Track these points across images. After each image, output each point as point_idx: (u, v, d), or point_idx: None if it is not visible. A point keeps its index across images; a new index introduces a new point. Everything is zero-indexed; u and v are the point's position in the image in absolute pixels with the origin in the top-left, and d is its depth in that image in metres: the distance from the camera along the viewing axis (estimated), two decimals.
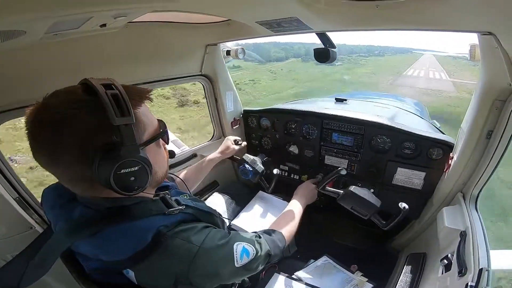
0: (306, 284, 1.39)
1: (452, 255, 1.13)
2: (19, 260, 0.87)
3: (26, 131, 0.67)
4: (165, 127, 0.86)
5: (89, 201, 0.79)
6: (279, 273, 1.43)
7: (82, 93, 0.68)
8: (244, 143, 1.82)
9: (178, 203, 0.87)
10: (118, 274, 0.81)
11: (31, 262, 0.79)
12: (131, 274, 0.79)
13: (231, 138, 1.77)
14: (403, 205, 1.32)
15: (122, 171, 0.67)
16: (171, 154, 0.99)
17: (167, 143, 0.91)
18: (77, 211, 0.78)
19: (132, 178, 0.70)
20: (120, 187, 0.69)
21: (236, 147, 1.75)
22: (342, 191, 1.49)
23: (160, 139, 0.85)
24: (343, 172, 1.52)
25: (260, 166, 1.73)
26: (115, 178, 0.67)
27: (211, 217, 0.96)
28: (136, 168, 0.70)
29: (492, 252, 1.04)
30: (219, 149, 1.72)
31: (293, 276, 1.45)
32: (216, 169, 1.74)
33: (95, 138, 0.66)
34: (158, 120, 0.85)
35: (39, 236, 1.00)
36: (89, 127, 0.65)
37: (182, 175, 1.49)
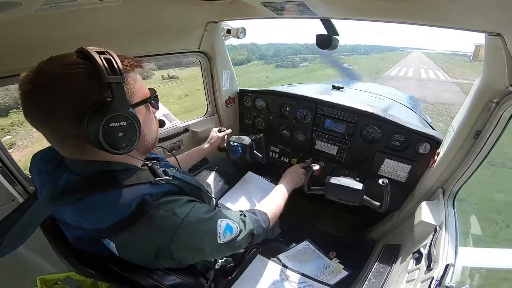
0: (287, 267, 1.44)
1: (424, 249, 1.17)
2: None
3: (19, 92, 0.68)
4: (155, 93, 0.88)
5: (76, 166, 0.79)
6: (262, 255, 1.48)
7: (77, 58, 0.69)
8: (229, 130, 1.86)
9: (166, 174, 0.88)
10: (101, 245, 0.82)
11: (10, 231, 0.79)
12: (112, 245, 0.81)
13: (215, 129, 1.83)
14: (381, 180, 1.34)
15: (111, 124, 0.69)
16: (161, 123, 1.00)
17: (157, 109, 0.92)
18: (64, 177, 0.79)
19: (121, 134, 0.72)
20: (108, 143, 0.70)
21: (220, 134, 1.79)
22: (324, 187, 1.50)
23: (151, 106, 0.87)
24: (315, 167, 1.52)
25: (246, 139, 1.75)
26: (104, 132, 0.69)
27: (198, 191, 0.98)
28: (125, 123, 0.72)
29: (461, 249, 1.09)
30: (207, 141, 1.78)
31: (274, 258, 1.50)
32: None
33: (88, 96, 0.68)
34: (149, 88, 0.87)
35: (19, 206, 1.00)
36: (81, 86, 0.68)
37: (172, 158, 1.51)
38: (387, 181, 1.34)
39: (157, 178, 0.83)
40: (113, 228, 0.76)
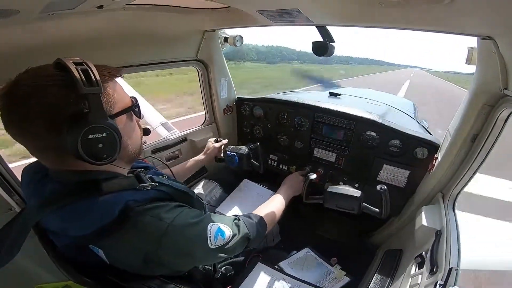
0: (288, 274, 1.42)
1: (426, 254, 1.16)
2: None
3: None
4: (137, 101, 0.87)
5: (59, 175, 0.79)
6: (263, 263, 1.45)
7: (53, 69, 0.69)
8: (226, 140, 1.87)
9: (153, 181, 0.87)
10: (91, 253, 0.81)
11: (6, 242, 0.78)
12: (101, 252, 0.80)
13: (211, 140, 1.84)
14: (379, 186, 1.35)
15: (89, 136, 0.68)
16: (146, 131, 1.00)
17: (139, 118, 0.91)
18: (48, 186, 0.79)
19: (100, 145, 0.71)
20: (88, 154, 0.69)
21: (217, 144, 1.80)
22: (322, 196, 1.50)
23: (134, 114, 0.87)
24: (312, 176, 1.52)
25: (243, 149, 1.75)
26: (82, 144, 0.67)
27: (187, 197, 0.96)
28: (104, 134, 0.71)
29: (464, 253, 1.07)
30: (203, 152, 1.78)
31: (275, 266, 1.48)
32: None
33: (64, 108, 0.67)
34: (131, 96, 0.86)
35: (14, 217, 0.99)
36: (59, 98, 0.67)
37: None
38: (385, 187, 1.34)
39: (142, 184, 0.83)
40: (97, 235, 0.76)
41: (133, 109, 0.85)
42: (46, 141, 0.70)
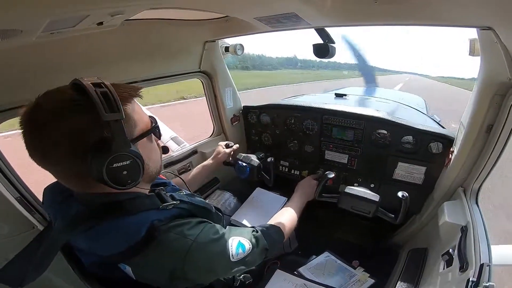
0: (308, 280, 1.39)
1: (453, 250, 1.12)
2: (20, 258, 0.89)
3: (21, 131, 0.68)
4: (156, 122, 0.87)
5: (84, 197, 0.80)
6: (281, 270, 1.43)
7: (72, 92, 0.68)
8: (236, 145, 1.81)
9: (173, 199, 0.88)
10: (117, 270, 0.82)
11: (33, 260, 0.81)
12: (128, 269, 0.80)
13: (222, 143, 1.78)
14: (401, 193, 1.30)
15: (114, 165, 0.68)
16: (165, 150, 1.00)
17: (159, 138, 0.92)
18: (74, 208, 0.80)
19: (125, 172, 0.71)
20: (113, 181, 0.70)
21: (228, 150, 1.75)
22: (338, 195, 1.46)
23: (153, 134, 0.86)
24: (331, 175, 1.49)
25: (255, 160, 1.71)
26: (107, 172, 0.68)
27: (207, 212, 0.97)
28: (127, 162, 0.71)
29: (493, 247, 1.03)
30: (212, 156, 1.73)
31: (294, 272, 1.45)
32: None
33: (87, 135, 0.67)
34: (150, 116, 0.87)
35: (39, 234, 1.01)
36: (80, 125, 0.66)
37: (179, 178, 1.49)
38: (407, 195, 1.30)
39: (164, 204, 0.84)
40: (125, 254, 0.76)
41: (154, 130, 0.85)
42: (69, 168, 0.70)
